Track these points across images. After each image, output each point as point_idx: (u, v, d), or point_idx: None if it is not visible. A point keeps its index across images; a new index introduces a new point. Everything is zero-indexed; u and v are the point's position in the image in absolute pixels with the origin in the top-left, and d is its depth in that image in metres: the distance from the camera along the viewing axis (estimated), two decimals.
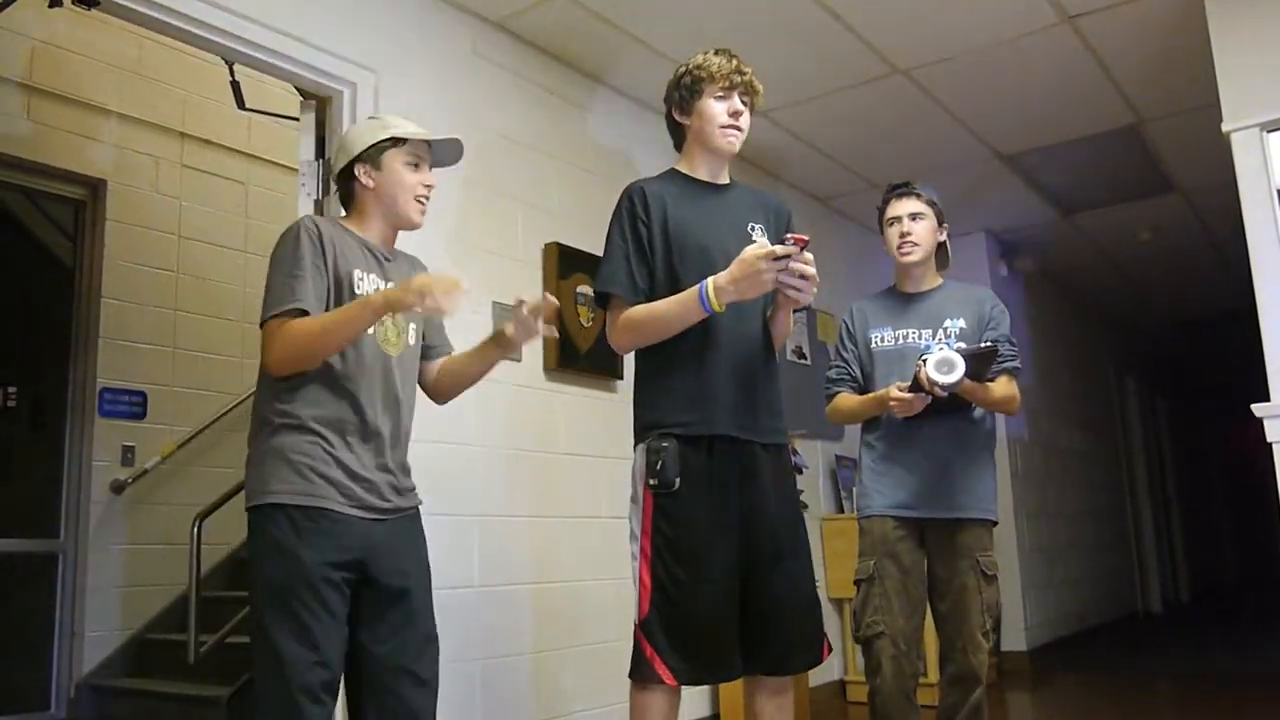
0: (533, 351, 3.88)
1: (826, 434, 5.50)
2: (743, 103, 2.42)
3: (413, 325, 2.39)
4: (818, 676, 4.84)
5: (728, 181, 2.54)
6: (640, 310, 2.34)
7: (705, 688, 4.35)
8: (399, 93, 3.51)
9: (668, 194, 2.43)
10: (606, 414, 4.09)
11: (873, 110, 4.82)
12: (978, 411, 3.00)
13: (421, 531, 2.43)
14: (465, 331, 3.62)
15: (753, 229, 2.45)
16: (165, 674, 4.22)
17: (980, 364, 2.77)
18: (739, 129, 2.43)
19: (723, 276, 2.19)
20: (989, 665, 2.99)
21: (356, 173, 2.34)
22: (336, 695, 2.18)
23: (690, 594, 2.24)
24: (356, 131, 2.40)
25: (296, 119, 3.59)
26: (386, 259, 2.37)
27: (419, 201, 2.38)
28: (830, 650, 2.47)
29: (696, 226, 2.39)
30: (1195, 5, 3.79)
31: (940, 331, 3.00)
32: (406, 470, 2.40)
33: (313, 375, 2.19)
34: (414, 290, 2.07)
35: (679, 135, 2.54)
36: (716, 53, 2.44)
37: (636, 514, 2.35)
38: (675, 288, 2.33)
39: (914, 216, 3.04)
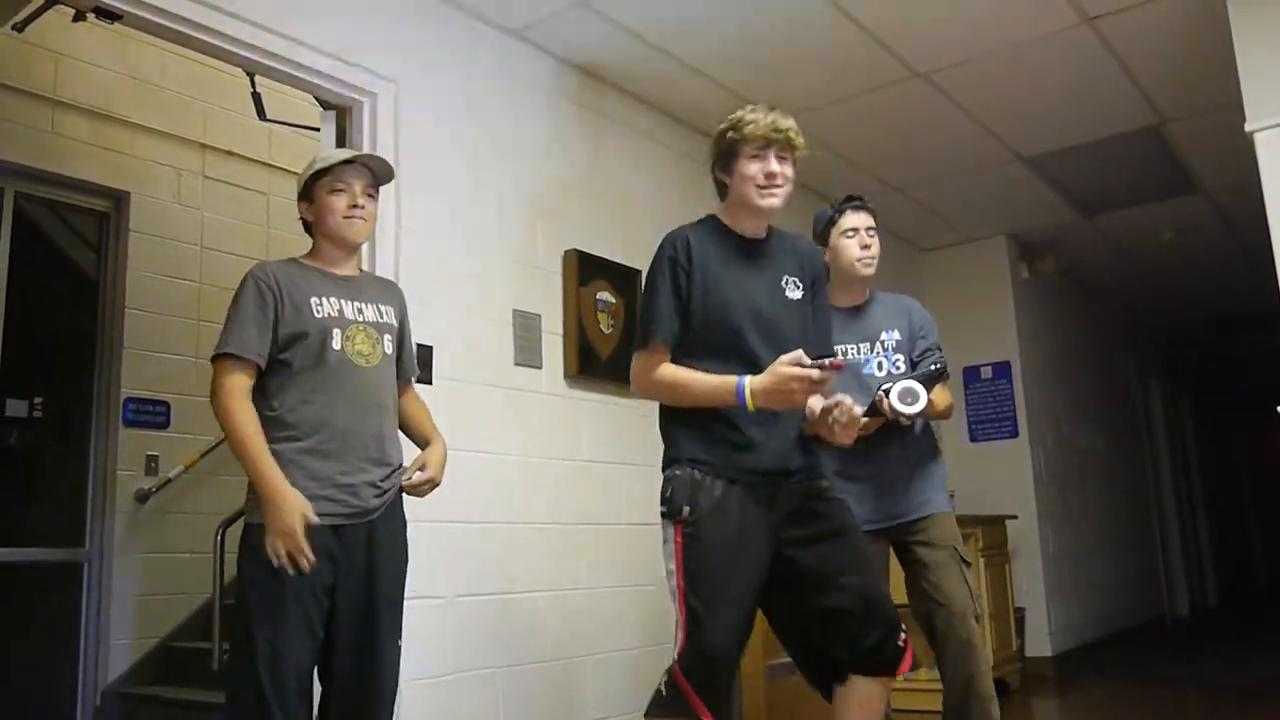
0: (554, 358, 3.88)
1: None
2: (780, 159, 2.38)
3: (387, 336, 2.55)
4: None
5: (765, 234, 2.52)
6: (674, 374, 2.35)
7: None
8: (419, 103, 3.53)
9: (709, 246, 2.42)
10: (628, 420, 4.09)
11: (893, 114, 4.80)
12: (918, 422, 3.05)
13: (403, 553, 2.53)
14: (488, 339, 3.64)
15: (786, 282, 2.46)
16: (190, 682, 4.23)
17: (931, 385, 2.87)
18: (777, 187, 2.39)
19: (759, 381, 2.20)
20: (1014, 670, 2.98)
21: (300, 211, 2.58)
22: (308, 699, 2.33)
23: (722, 625, 2.21)
24: (299, 177, 2.60)
25: (317, 130, 3.62)
26: (347, 280, 2.56)
27: (349, 220, 2.53)
28: (913, 661, 2.36)
29: (732, 282, 2.39)
30: (1217, 4, 3.76)
31: (878, 345, 3.08)
32: (393, 464, 2.51)
33: (291, 395, 2.39)
34: (277, 539, 2.25)
35: (722, 190, 2.50)
36: (755, 109, 2.40)
37: (669, 552, 2.29)
38: (705, 337, 2.35)
39: (870, 230, 3.09)
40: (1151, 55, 4.36)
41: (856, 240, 3.07)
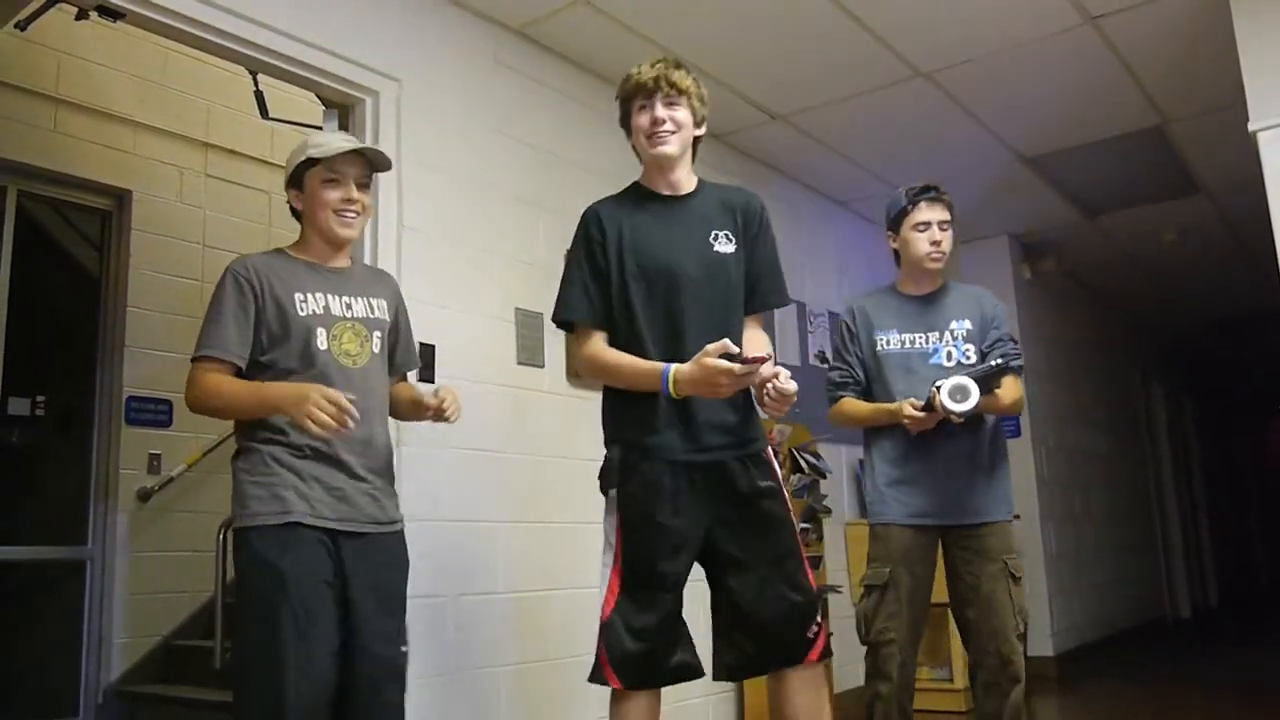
0: (557, 358, 3.88)
1: (849, 438, 5.47)
2: (668, 104, 2.38)
3: (376, 334, 2.44)
4: (845, 682, 4.81)
5: (692, 188, 2.48)
6: (610, 357, 2.34)
7: (731, 690, 4.34)
8: (421, 101, 3.53)
9: (624, 212, 2.41)
10: None
11: (895, 113, 4.80)
12: (988, 419, 3.00)
13: (403, 558, 2.46)
14: (490, 335, 3.64)
15: (715, 236, 2.41)
16: (191, 680, 4.23)
17: (990, 382, 2.79)
18: (667, 132, 2.38)
19: (684, 371, 2.18)
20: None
21: (288, 198, 2.47)
22: (326, 702, 2.22)
23: (649, 596, 2.24)
24: (289, 158, 2.48)
25: (320, 128, 3.62)
26: (336, 273, 2.45)
27: (340, 215, 2.41)
28: (825, 653, 2.37)
29: (654, 243, 2.37)
30: (1220, 3, 3.76)
31: (947, 334, 3.02)
32: (388, 480, 2.44)
33: None
34: (308, 408, 2.12)
35: (638, 155, 2.53)
36: (643, 65, 2.41)
37: (611, 523, 2.32)
38: (627, 307, 2.34)
39: (943, 225, 3.05)
40: (1154, 55, 4.36)
41: (927, 235, 3.04)
